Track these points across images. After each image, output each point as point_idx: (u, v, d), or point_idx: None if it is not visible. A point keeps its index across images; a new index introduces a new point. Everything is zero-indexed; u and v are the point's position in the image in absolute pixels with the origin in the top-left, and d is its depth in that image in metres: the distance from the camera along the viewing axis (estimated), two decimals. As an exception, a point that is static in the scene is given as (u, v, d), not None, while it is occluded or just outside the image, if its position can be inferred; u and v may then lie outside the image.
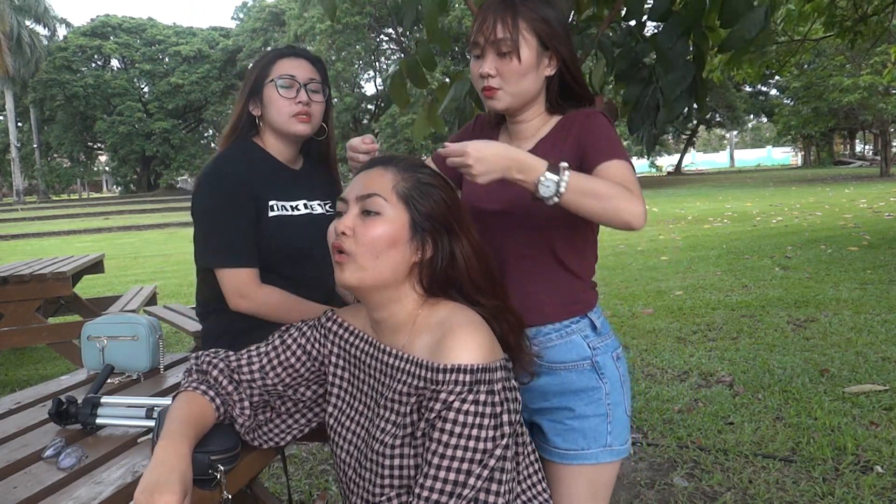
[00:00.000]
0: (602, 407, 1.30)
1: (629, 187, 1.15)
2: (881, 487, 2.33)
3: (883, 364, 3.58)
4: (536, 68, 1.28)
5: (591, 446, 1.29)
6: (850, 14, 7.13)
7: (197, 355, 1.24)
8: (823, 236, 8.83)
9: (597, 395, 1.30)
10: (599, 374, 1.30)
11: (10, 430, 1.42)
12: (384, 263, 1.08)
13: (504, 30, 1.24)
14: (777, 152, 53.46)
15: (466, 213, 1.16)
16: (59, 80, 34.13)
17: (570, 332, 1.30)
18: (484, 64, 1.27)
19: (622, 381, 1.33)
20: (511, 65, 1.26)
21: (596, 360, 1.31)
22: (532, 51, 1.26)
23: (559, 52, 1.29)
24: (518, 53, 1.25)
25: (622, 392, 1.32)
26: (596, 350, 1.31)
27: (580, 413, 1.29)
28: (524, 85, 1.28)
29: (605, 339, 1.33)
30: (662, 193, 22.56)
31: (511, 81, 1.27)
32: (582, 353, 1.30)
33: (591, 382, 1.30)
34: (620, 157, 1.21)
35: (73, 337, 4.00)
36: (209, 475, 1.08)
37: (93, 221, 23.29)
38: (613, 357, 1.33)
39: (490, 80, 1.27)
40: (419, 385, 1.05)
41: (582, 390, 1.30)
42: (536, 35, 1.26)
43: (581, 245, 1.33)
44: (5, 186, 44.37)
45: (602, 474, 1.31)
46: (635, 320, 4.94)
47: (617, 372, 1.32)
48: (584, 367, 1.30)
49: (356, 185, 1.12)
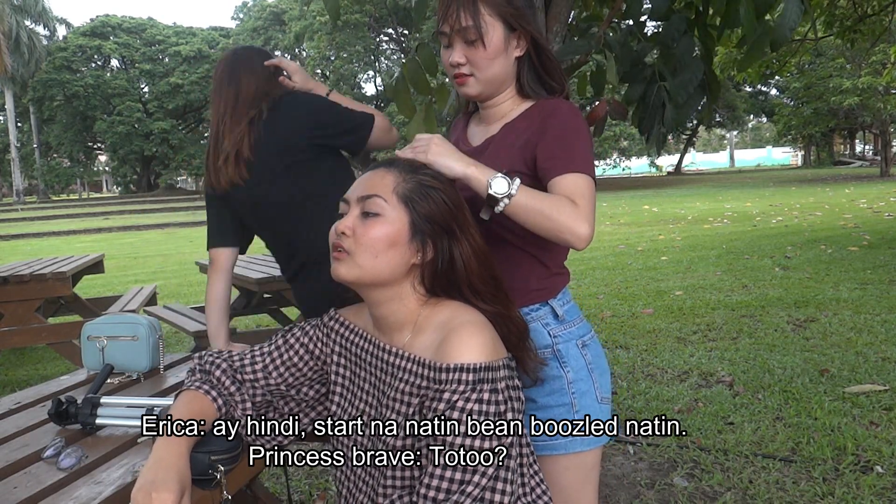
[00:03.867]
0: (565, 396, 1.26)
1: (578, 204, 1.13)
2: (881, 487, 2.33)
3: (883, 364, 3.58)
4: (505, 51, 1.27)
5: (556, 437, 1.26)
6: (849, 14, 7.13)
7: (200, 355, 1.24)
8: (823, 236, 8.83)
9: (558, 384, 1.26)
10: (561, 363, 1.27)
11: (10, 430, 1.42)
12: (382, 263, 1.09)
13: (467, 17, 1.22)
14: (777, 152, 53.46)
15: (469, 215, 1.15)
16: (58, 80, 34.12)
17: (529, 321, 1.27)
18: (453, 53, 1.26)
19: (590, 369, 1.29)
20: (479, 52, 1.24)
21: (557, 348, 1.27)
22: (499, 35, 1.25)
23: (526, 31, 1.28)
24: (484, 40, 1.23)
25: (591, 380, 1.28)
26: (557, 338, 1.28)
27: (542, 404, 1.27)
28: (494, 69, 1.26)
29: (568, 327, 1.30)
30: (662, 193, 22.56)
31: (481, 67, 1.26)
32: (542, 341, 1.27)
33: (552, 371, 1.26)
34: (578, 170, 1.17)
35: (73, 337, 4.00)
36: (209, 475, 1.08)
37: (93, 221, 23.30)
38: (578, 345, 1.29)
39: (461, 68, 1.26)
40: (422, 384, 1.05)
41: (542, 380, 1.25)
42: (501, 18, 1.25)
43: None
44: (5, 186, 44.36)
45: (582, 460, 1.28)
46: (635, 320, 4.94)
47: (583, 360, 1.29)
48: (545, 356, 1.27)
49: (358, 187, 1.13)
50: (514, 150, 1.25)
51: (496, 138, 1.31)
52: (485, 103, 1.34)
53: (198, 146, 38.48)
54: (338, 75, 31.11)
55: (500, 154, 1.27)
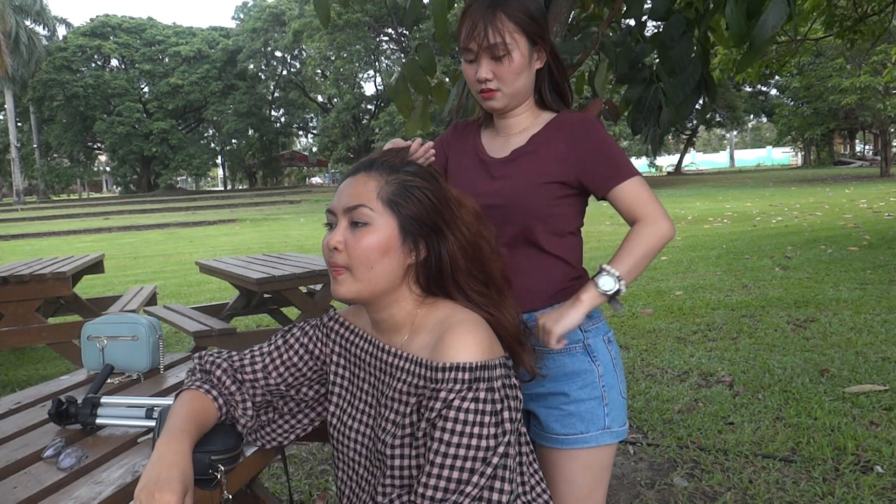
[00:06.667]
0: (597, 389, 1.32)
1: (644, 208, 1.27)
2: (881, 487, 2.33)
3: (883, 364, 3.58)
4: (529, 65, 1.32)
5: (589, 429, 1.31)
6: (849, 13, 7.13)
7: (200, 355, 1.24)
8: (823, 236, 8.83)
9: (590, 377, 1.32)
10: (592, 357, 1.33)
11: (10, 430, 1.42)
12: (379, 273, 1.09)
13: (495, 35, 1.27)
14: (777, 152, 53.42)
15: (455, 208, 1.14)
16: (58, 80, 34.14)
17: None
18: (480, 69, 1.31)
19: (615, 364, 1.36)
20: (505, 67, 1.30)
21: (588, 342, 1.33)
22: (523, 50, 1.30)
23: (546, 44, 1.34)
24: (511, 56, 1.29)
25: (615, 374, 1.35)
26: (587, 333, 1.34)
27: (576, 397, 1.32)
28: (519, 83, 1.32)
29: (595, 323, 1.36)
30: (662, 193, 22.56)
31: (507, 82, 1.31)
32: (574, 336, 1.32)
33: (584, 365, 1.32)
34: (630, 175, 1.28)
35: (73, 337, 4.00)
36: (209, 475, 1.08)
37: (93, 221, 23.30)
38: (605, 340, 1.36)
39: (488, 84, 1.31)
40: (419, 384, 1.05)
41: (575, 373, 1.32)
42: (525, 34, 1.29)
43: (564, 232, 1.36)
44: (5, 186, 44.38)
45: (602, 456, 1.34)
46: (635, 320, 4.94)
47: (609, 355, 1.35)
48: (577, 350, 1.33)
49: (343, 196, 1.12)
50: (553, 164, 1.32)
51: (526, 150, 1.35)
52: (505, 115, 1.39)
53: (197, 146, 38.52)
54: (338, 75, 31.12)
55: (538, 167, 1.32)
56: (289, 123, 43.83)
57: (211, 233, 17.98)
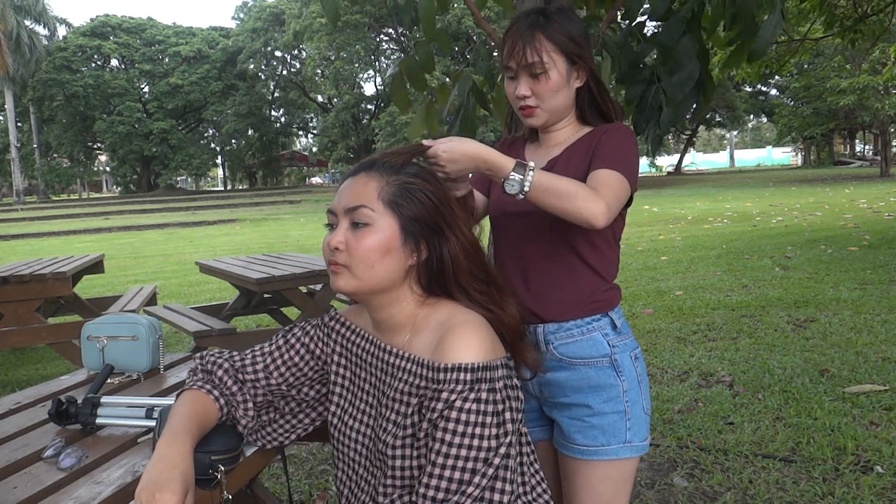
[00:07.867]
0: (620, 404, 1.33)
1: (598, 189, 1.21)
2: (881, 487, 2.33)
3: (883, 364, 3.58)
4: (567, 84, 1.36)
5: (610, 442, 1.33)
6: (849, 13, 7.13)
7: (201, 355, 1.24)
8: (823, 236, 8.84)
9: (614, 391, 1.33)
10: (617, 372, 1.34)
11: (10, 430, 1.42)
12: (379, 272, 1.09)
13: (533, 54, 1.31)
14: (777, 152, 53.43)
15: (456, 210, 1.15)
16: (58, 79, 34.13)
17: (590, 329, 1.35)
18: (519, 86, 1.35)
19: (640, 380, 1.37)
20: (543, 85, 1.33)
21: (615, 357, 1.35)
22: (561, 69, 1.33)
23: (586, 64, 1.37)
24: (548, 74, 1.32)
25: (639, 391, 1.36)
26: (615, 348, 1.35)
27: (599, 410, 1.33)
28: (557, 101, 1.36)
29: (624, 339, 1.37)
30: (662, 193, 22.56)
31: (545, 99, 1.35)
32: (601, 350, 1.34)
33: (609, 379, 1.34)
34: (615, 168, 1.27)
35: (73, 337, 3.99)
36: (210, 475, 1.08)
37: (93, 221, 23.30)
38: (631, 357, 1.37)
39: (527, 101, 1.35)
40: (420, 384, 1.05)
41: (600, 387, 1.33)
42: (564, 54, 1.33)
43: (602, 246, 1.37)
44: (5, 186, 44.36)
45: (623, 469, 1.35)
46: (635, 320, 4.94)
47: (634, 371, 1.36)
48: (603, 364, 1.34)
49: (343, 196, 1.12)
50: (580, 170, 1.33)
51: (561, 159, 1.38)
52: (547, 129, 1.43)
53: (197, 146, 38.52)
54: (337, 75, 31.12)
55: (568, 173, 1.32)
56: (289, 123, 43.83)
57: (211, 233, 17.98)
